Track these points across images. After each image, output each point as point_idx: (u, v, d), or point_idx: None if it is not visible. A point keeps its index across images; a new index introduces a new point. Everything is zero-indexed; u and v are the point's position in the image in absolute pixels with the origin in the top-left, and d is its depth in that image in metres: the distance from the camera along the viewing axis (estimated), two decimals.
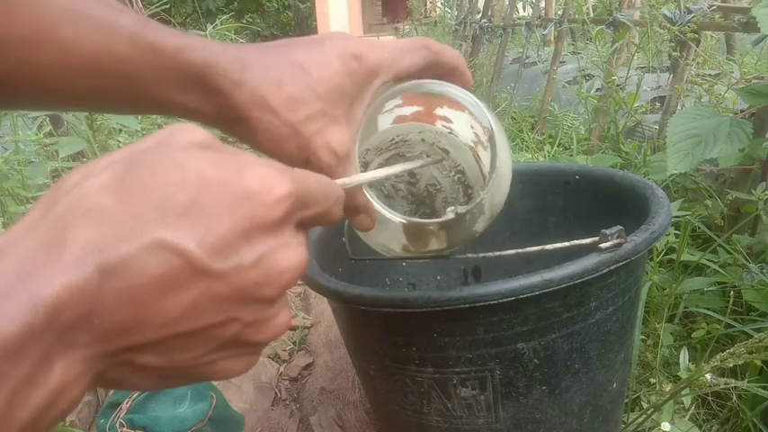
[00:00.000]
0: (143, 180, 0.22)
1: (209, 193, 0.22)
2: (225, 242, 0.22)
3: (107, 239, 0.21)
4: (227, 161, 0.23)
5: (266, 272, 0.23)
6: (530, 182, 0.90)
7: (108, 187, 0.21)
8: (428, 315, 0.56)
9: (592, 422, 0.64)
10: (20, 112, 1.43)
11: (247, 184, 0.23)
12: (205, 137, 0.24)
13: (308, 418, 1.00)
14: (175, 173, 0.22)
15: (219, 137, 0.30)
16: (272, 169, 0.24)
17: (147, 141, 0.24)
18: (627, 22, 1.77)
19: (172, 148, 0.23)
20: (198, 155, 0.23)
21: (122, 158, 0.23)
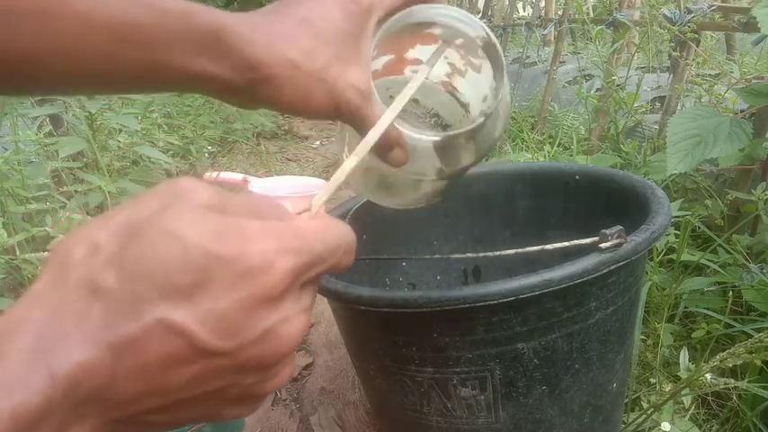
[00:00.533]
0: (146, 258, 0.22)
1: (212, 273, 0.22)
2: (227, 321, 0.22)
3: (115, 318, 0.21)
4: (230, 232, 0.23)
5: (269, 345, 0.24)
6: (530, 182, 0.90)
7: (113, 264, 0.22)
8: (428, 315, 0.56)
9: (592, 422, 0.64)
10: (20, 112, 1.43)
11: (249, 261, 0.23)
12: (208, 196, 0.24)
13: (308, 418, 1.00)
14: (178, 251, 0.22)
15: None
16: (274, 240, 0.24)
17: (149, 202, 0.24)
18: (627, 22, 1.77)
19: (174, 215, 0.23)
20: (201, 225, 0.23)
21: (126, 227, 0.23)
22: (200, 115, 2.43)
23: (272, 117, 3.19)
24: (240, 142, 2.75)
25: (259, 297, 0.23)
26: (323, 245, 0.26)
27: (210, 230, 0.22)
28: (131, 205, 0.24)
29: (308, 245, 0.25)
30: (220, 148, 2.64)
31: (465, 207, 0.94)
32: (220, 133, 2.59)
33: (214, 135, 2.49)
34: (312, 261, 0.25)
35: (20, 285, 1.14)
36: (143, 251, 0.22)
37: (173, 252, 0.22)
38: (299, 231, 0.25)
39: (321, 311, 1.33)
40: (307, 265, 0.25)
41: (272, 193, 1.64)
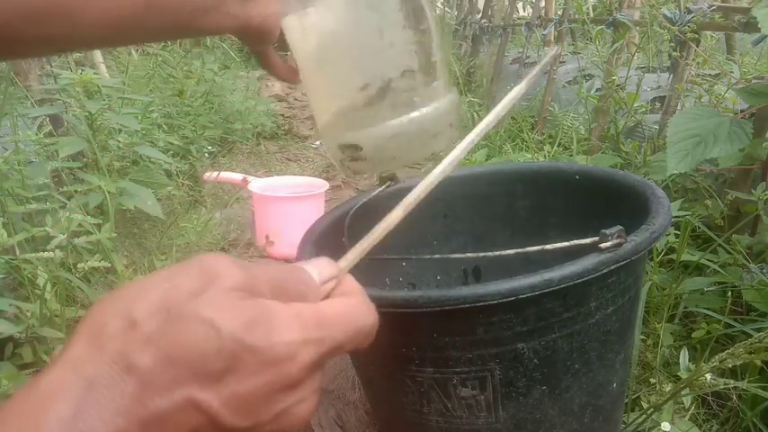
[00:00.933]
0: (183, 343, 0.24)
1: (241, 360, 0.24)
2: (248, 403, 0.24)
3: (148, 395, 0.23)
4: (260, 321, 0.25)
5: (283, 424, 0.26)
6: (530, 182, 0.90)
7: (150, 344, 0.23)
8: (428, 315, 0.56)
9: (592, 422, 0.64)
10: (20, 113, 1.43)
11: (275, 351, 0.25)
12: (238, 278, 0.25)
13: None
14: (214, 340, 0.24)
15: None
16: (298, 331, 0.26)
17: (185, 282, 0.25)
18: (627, 22, 1.77)
19: (209, 302, 0.24)
20: (234, 313, 0.24)
21: (163, 307, 0.24)
22: (200, 115, 2.43)
23: (272, 117, 3.19)
24: (240, 142, 2.75)
25: (280, 383, 0.25)
26: (344, 334, 0.28)
27: (242, 320, 0.24)
28: (166, 280, 0.25)
29: (331, 335, 0.27)
30: (220, 148, 2.64)
31: (465, 207, 0.94)
32: (220, 133, 2.59)
33: (214, 135, 2.49)
34: (332, 350, 0.27)
35: (20, 285, 1.14)
36: (180, 336, 0.24)
37: (208, 340, 0.24)
38: (323, 320, 0.27)
39: None
40: (327, 354, 0.27)
41: (271, 193, 1.64)
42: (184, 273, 0.25)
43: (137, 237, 1.60)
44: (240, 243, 1.69)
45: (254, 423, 0.25)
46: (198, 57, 2.76)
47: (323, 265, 0.31)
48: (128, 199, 1.43)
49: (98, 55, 2.27)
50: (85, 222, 1.18)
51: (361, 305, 0.30)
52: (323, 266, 0.31)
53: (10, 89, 1.29)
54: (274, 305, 0.26)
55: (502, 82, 2.94)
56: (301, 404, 0.26)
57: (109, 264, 1.14)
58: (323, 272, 0.30)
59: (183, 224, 1.64)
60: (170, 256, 1.44)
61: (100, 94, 1.57)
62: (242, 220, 1.86)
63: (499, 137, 2.34)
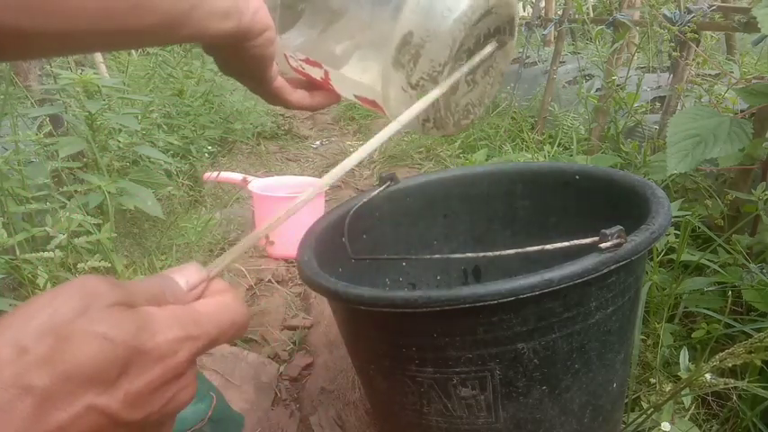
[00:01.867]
0: (79, 357, 0.26)
1: (132, 362, 0.27)
2: (141, 398, 0.27)
3: (48, 411, 0.25)
4: (145, 326, 0.28)
5: (170, 409, 0.29)
6: (530, 182, 0.90)
7: (45, 365, 0.25)
8: (428, 315, 0.56)
9: (592, 422, 0.64)
10: (20, 113, 1.43)
11: (160, 350, 0.28)
12: (116, 294, 0.28)
13: (307, 418, 1.00)
14: (108, 349, 0.26)
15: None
16: (177, 330, 0.29)
17: (67, 303, 0.27)
18: (627, 22, 1.77)
19: (97, 318, 0.27)
20: (122, 324, 0.27)
21: (51, 329, 0.26)
22: (200, 115, 2.43)
23: (272, 117, 3.19)
24: (240, 142, 2.75)
25: (166, 377, 0.28)
26: (217, 328, 0.31)
27: (130, 328, 0.27)
28: (48, 305, 0.27)
29: (205, 330, 0.30)
30: (220, 148, 2.64)
31: (465, 207, 0.94)
32: (220, 133, 2.59)
33: (214, 135, 2.49)
34: (208, 344, 0.31)
35: (20, 285, 1.14)
36: (75, 353, 0.26)
37: (103, 352, 0.26)
38: (198, 317, 0.30)
39: (321, 311, 1.33)
40: (204, 348, 0.31)
41: (271, 193, 1.64)
42: (65, 295, 0.28)
43: (137, 237, 1.60)
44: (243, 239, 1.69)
45: (147, 413, 0.28)
46: (198, 57, 2.76)
47: (190, 272, 0.34)
48: (128, 199, 1.43)
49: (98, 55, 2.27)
50: (85, 222, 1.18)
51: (230, 302, 0.33)
52: (190, 274, 0.34)
53: (10, 89, 1.29)
54: (153, 310, 0.29)
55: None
56: (184, 391, 0.30)
57: (109, 264, 1.14)
58: (190, 279, 0.33)
59: (183, 224, 1.64)
60: (170, 256, 1.44)
61: (100, 94, 1.57)
62: (242, 220, 1.86)
63: (499, 137, 2.34)
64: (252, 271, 1.49)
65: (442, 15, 0.44)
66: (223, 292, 0.34)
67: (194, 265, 0.34)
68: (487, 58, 0.51)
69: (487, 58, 0.51)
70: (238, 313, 0.33)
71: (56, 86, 1.49)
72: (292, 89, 0.50)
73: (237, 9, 0.40)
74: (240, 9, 0.41)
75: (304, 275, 0.65)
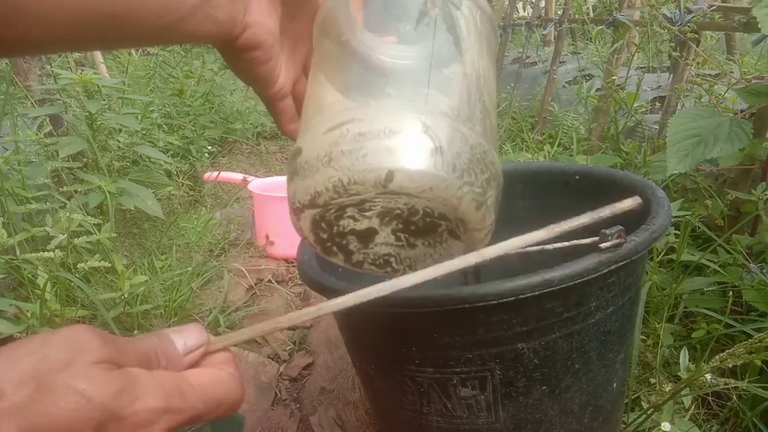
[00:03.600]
0: (53, 411, 0.25)
1: (107, 426, 0.26)
2: None
3: None
4: (126, 390, 0.27)
5: None
6: (530, 182, 0.90)
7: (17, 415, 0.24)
8: (428, 315, 0.56)
9: (592, 422, 0.64)
10: (20, 113, 1.43)
11: (138, 418, 0.27)
12: (105, 352, 0.27)
13: (307, 418, 1.00)
14: (83, 408, 0.25)
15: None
16: (160, 399, 0.27)
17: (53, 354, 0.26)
18: (627, 22, 1.77)
19: (79, 373, 0.26)
20: (102, 383, 0.26)
21: (32, 378, 0.25)
22: (201, 115, 2.43)
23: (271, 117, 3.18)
24: (240, 142, 2.75)
25: None
26: (204, 404, 0.29)
27: (111, 390, 0.26)
28: (35, 351, 0.26)
29: (190, 405, 0.29)
30: (220, 148, 2.64)
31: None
32: (220, 133, 2.59)
33: (214, 135, 2.49)
34: (190, 419, 0.29)
35: (20, 285, 1.14)
36: (49, 406, 0.25)
37: (79, 410, 0.25)
38: (185, 389, 0.29)
39: None
40: (184, 423, 0.29)
41: (271, 193, 1.64)
42: (53, 344, 0.27)
43: (137, 237, 1.60)
44: (240, 243, 1.69)
45: None
46: (198, 57, 2.76)
47: (189, 334, 0.32)
48: (128, 199, 1.43)
49: (98, 55, 2.27)
50: (85, 222, 1.18)
51: (227, 378, 0.31)
52: (189, 336, 0.32)
53: (10, 89, 1.29)
54: (139, 373, 0.28)
55: (502, 82, 2.94)
56: None
57: (109, 264, 1.14)
58: (188, 342, 0.32)
59: (183, 224, 1.64)
60: (170, 256, 1.44)
61: (100, 94, 1.57)
62: (242, 220, 1.86)
63: (499, 137, 2.34)
64: (252, 271, 1.49)
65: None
66: (222, 365, 0.32)
67: (196, 327, 0.33)
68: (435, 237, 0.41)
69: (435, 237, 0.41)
70: (231, 392, 0.31)
71: (56, 86, 1.49)
72: (291, 119, 0.46)
73: (230, 17, 0.36)
74: (233, 18, 0.36)
75: (304, 275, 0.65)
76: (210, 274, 1.41)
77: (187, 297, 1.27)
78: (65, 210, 1.23)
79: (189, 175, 2.09)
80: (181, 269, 1.34)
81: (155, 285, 1.23)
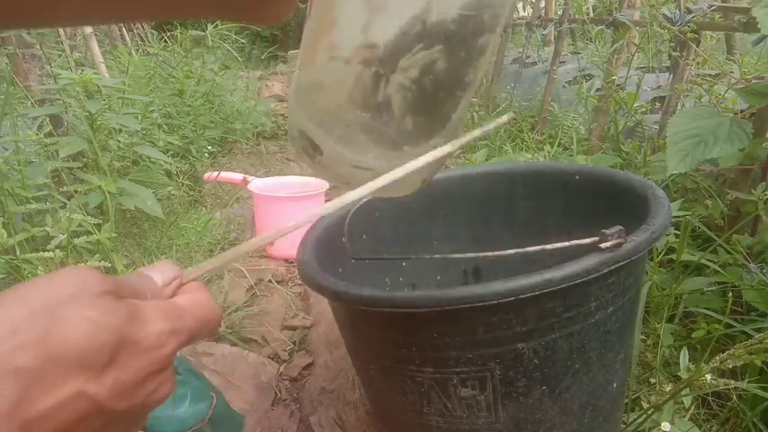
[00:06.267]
0: (67, 340, 0.26)
1: (122, 350, 0.27)
2: (127, 388, 0.28)
3: (34, 395, 0.25)
4: (134, 316, 0.28)
5: (150, 402, 0.30)
6: (530, 182, 0.90)
7: (34, 347, 0.25)
8: (428, 315, 0.56)
9: (592, 422, 0.64)
10: (20, 112, 1.43)
11: (150, 341, 0.28)
12: (107, 284, 0.28)
13: (307, 418, 1.00)
14: (99, 335, 0.26)
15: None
16: (166, 323, 0.29)
17: (59, 289, 0.27)
18: (627, 22, 1.77)
19: (88, 304, 0.27)
20: (109, 309, 0.27)
21: (41, 312, 0.26)
22: (201, 115, 2.43)
23: (272, 117, 3.19)
24: (240, 142, 2.75)
25: (152, 368, 0.29)
26: (197, 322, 0.32)
27: (122, 316, 0.28)
28: (43, 287, 0.27)
29: (188, 325, 0.31)
30: (220, 148, 2.64)
31: (465, 207, 0.94)
32: (220, 133, 2.59)
33: (214, 135, 2.49)
34: (190, 338, 0.31)
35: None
36: (66, 335, 0.26)
37: (95, 336, 0.26)
38: (180, 312, 0.31)
39: (321, 311, 1.33)
40: (185, 342, 0.31)
41: (271, 193, 1.64)
42: (57, 281, 0.28)
43: (137, 237, 1.60)
44: (240, 243, 1.69)
45: (130, 404, 0.28)
46: (198, 57, 2.76)
47: (164, 269, 0.34)
48: (128, 199, 1.43)
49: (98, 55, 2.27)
50: (85, 222, 1.18)
51: (205, 298, 0.34)
52: (164, 271, 0.34)
53: (10, 89, 1.29)
54: (138, 302, 0.29)
55: (502, 82, 2.94)
56: (165, 385, 0.30)
57: (109, 264, 1.14)
58: (165, 275, 0.34)
59: (183, 224, 1.64)
60: (170, 255, 1.44)
61: (100, 94, 1.57)
62: (242, 220, 1.86)
63: (499, 137, 2.34)
64: (252, 271, 1.49)
65: (348, 182, 0.41)
66: (197, 290, 0.34)
67: (168, 263, 0.35)
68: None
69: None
70: (214, 310, 0.34)
71: (56, 86, 1.49)
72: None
73: None
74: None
75: (304, 275, 0.65)
76: (210, 274, 1.41)
77: None
78: (65, 210, 1.23)
79: (189, 175, 2.09)
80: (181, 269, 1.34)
81: None
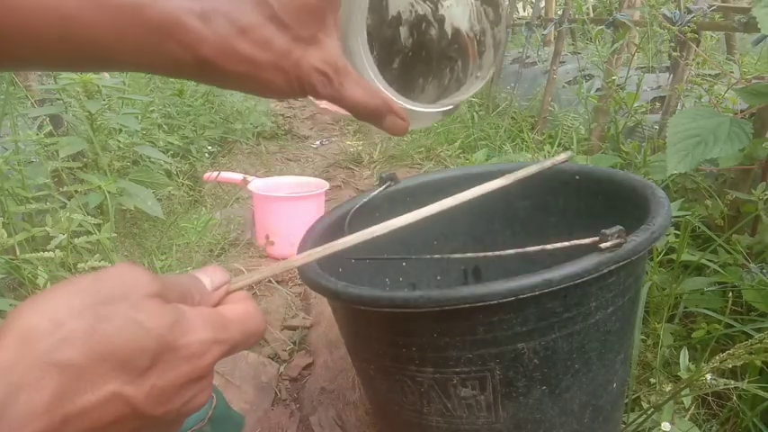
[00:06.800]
0: (111, 340, 0.26)
1: (163, 356, 0.27)
2: (165, 394, 0.28)
3: (75, 390, 0.25)
4: (179, 323, 0.28)
5: (187, 409, 0.30)
6: (530, 182, 0.90)
7: (80, 342, 0.25)
8: (428, 315, 0.56)
9: (592, 422, 0.64)
10: (20, 112, 1.43)
11: (190, 349, 0.28)
12: (155, 287, 0.28)
13: (307, 418, 1.00)
14: (143, 337, 0.26)
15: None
16: (209, 332, 0.29)
17: (108, 288, 0.27)
18: (627, 22, 1.77)
19: (136, 306, 0.27)
20: (158, 315, 0.27)
21: (92, 310, 0.26)
22: (201, 115, 2.43)
23: (272, 117, 3.19)
24: (240, 142, 2.75)
25: (191, 376, 0.29)
26: (241, 335, 0.32)
27: (166, 322, 0.27)
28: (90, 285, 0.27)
29: (232, 336, 0.31)
30: (220, 148, 2.64)
31: (465, 207, 0.94)
32: (220, 133, 2.59)
33: (214, 135, 2.49)
34: (230, 349, 0.31)
35: (20, 285, 1.14)
36: (111, 335, 0.26)
37: (138, 339, 0.26)
38: (226, 322, 0.31)
39: (321, 311, 1.33)
40: (227, 353, 0.31)
41: (272, 193, 1.64)
42: (107, 279, 0.28)
43: (137, 237, 1.60)
44: (240, 243, 1.69)
45: (167, 410, 0.28)
46: None
47: (214, 273, 0.34)
48: (128, 199, 1.43)
49: None
50: (85, 222, 1.18)
51: (254, 311, 0.33)
52: (214, 274, 0.34)
53: (10, 89, 1.29)
54: (185, 309, 0.29)
55: (502, 82, 2.94)
56: (202, 393, 0.30)
57: (109, 264, 1.14)
58: (214, 279, 0.34)
59: (183, 224, 1.64)
60: (170, 255, 1.44)
61: (100, 94, 1.57)
62: (242, 220, 1.86)
63: (499, 137, 2.34)
64: (252, 271, 1.49)
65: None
66: (245, 300, 0.34)
67: (218, 268, 0.35)
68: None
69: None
70: (259, 324, 0.33)
71: (56, 86, 1.49)
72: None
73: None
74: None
75: (304, 275, 0.65)
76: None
77: None
78: (65, 210, 1.23)
79: (189, 175, 2.09)
80: (181, 269, 1.34)
81: None
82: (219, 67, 0.34)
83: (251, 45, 0.34)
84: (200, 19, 0.33)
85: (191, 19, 0.33)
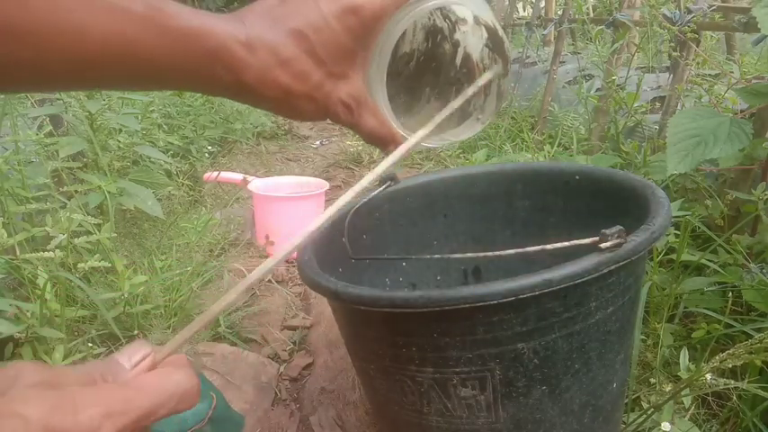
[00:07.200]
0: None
1: None
2: None
3: None
4: (64, 404, 0.27)
5: None
6: (530, 182, 0.90)
7: None
8: (428, 315, 0.56)
9: (592, 422, 0.64)
10: (20, 112, 1.43)
11: (80, 428, 0.26)
12: (40, 375, 0.27)
13: (307, 418, 1.00)
14: (22, 428, 0.25)
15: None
16: (101, 406, 0.27)
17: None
18: (627, 22, 1.77)
19: (16, 397, 0.26)
20: (39, 402, 0.26)
21: None
22: (201, 115, 2.43)
23: (272, 117, 3.18)
24: (240, 142, 2.75)
25: None
26: (150, 401, 0.29)
27: (47, 406, 0.26)
28: None
29: (136, 405, 0.29)
30: (220, 148, 2.64)
31: (465, 207, 0.94)
32: (220, 133, 2.59)
33: (214, 135, 2.49)
34: (139, 417, 0.29)
35: (20, 285, 1.14)
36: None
37: (18, 429, 0.25)
38: (127, 392, 0.29)
39: (321, 311, 1.33)
40: (134, 422, 0.28)
41: (272, 193, 1.64)
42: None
43: (137, 237, 1.60)
44: (240, 243, 1.70)
45: None
46: None
47: (133, 349, 0.32)
48: (128, 199, 1.43)
49: None
50: (85, 222, 1.18)
51: (173, 372, 0.31)
52: (133, 351, 0.32)
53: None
54: (75, 389, 0.28)
55: None
56: None
57: (109, 264, 1.14)
58: (132, 356, 0.32)
59: (183, 224, 1.64)
60: (170, 255, 1.44)
61: (100, 94, 1.57)
62: (242, 220, 1.86)
63: (499, 137, 2.34)
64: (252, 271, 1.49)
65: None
66: (168, 365, 0.32)
67: (138, 342, 0.33)
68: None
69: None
70: (181, 383, 0.31)
71: None
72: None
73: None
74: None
75: (304, 275, 0.65)
76: (210, 274, 1.41)
77: (187, 297, 1.27)
78: (65, 210, 1.23)
79: (189, 175, 2.09)
80: (181, 269, 1.34)
81: (155, 285, 1.23)
82: (258, 92, 0.38)
83: (289, 76, 0.38)
84: (245, 47, 0.36)
85: (237, 47, 0.36)
